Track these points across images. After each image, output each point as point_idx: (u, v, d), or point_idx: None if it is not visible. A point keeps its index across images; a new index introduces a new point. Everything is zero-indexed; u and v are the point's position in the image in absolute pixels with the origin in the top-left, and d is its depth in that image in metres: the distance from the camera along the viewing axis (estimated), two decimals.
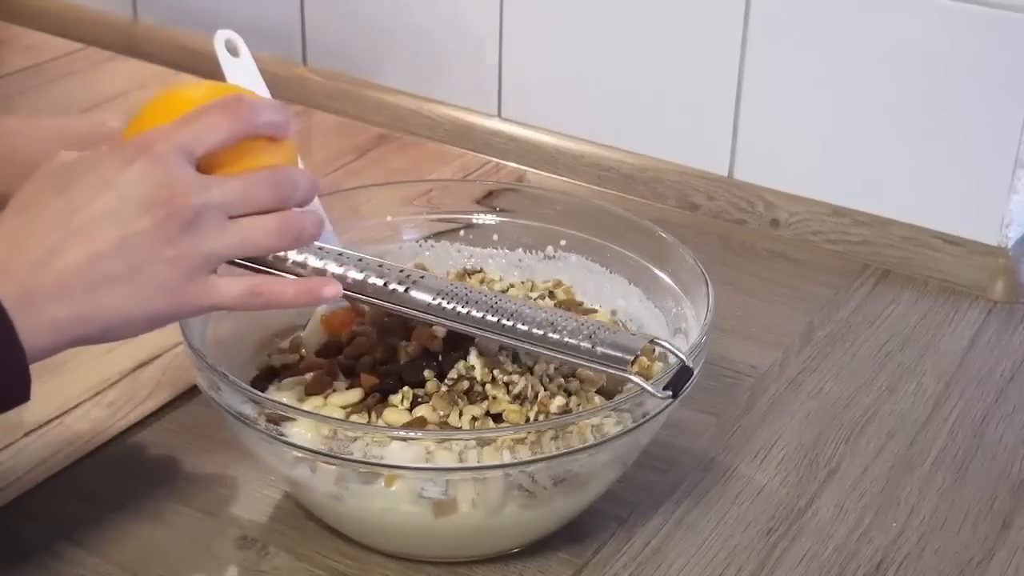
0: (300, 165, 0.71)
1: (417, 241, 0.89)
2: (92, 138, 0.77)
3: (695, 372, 0.70)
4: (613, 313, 0.84)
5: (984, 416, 0.86)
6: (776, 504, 0.77)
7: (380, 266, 0.71)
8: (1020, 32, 0.94)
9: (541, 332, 0.69)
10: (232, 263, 0.68)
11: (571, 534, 0.74)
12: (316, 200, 0.75)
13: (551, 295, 0.83)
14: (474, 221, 0.89)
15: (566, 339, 0.69)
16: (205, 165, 0.66)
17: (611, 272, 0.86)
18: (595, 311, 0.83)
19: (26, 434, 0.79)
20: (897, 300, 1.00)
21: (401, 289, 0.70)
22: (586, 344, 0.69)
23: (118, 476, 0.78)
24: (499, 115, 1.21)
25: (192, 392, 0.84)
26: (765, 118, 1.08)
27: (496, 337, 0.71)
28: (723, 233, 1.09)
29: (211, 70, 0.79)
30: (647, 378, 0.69)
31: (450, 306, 0.70)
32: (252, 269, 0.69)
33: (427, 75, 1.24)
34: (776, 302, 0.99)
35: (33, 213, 0.63)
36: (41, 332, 0.61)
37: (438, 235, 0.89)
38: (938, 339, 0.95)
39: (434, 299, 0.70)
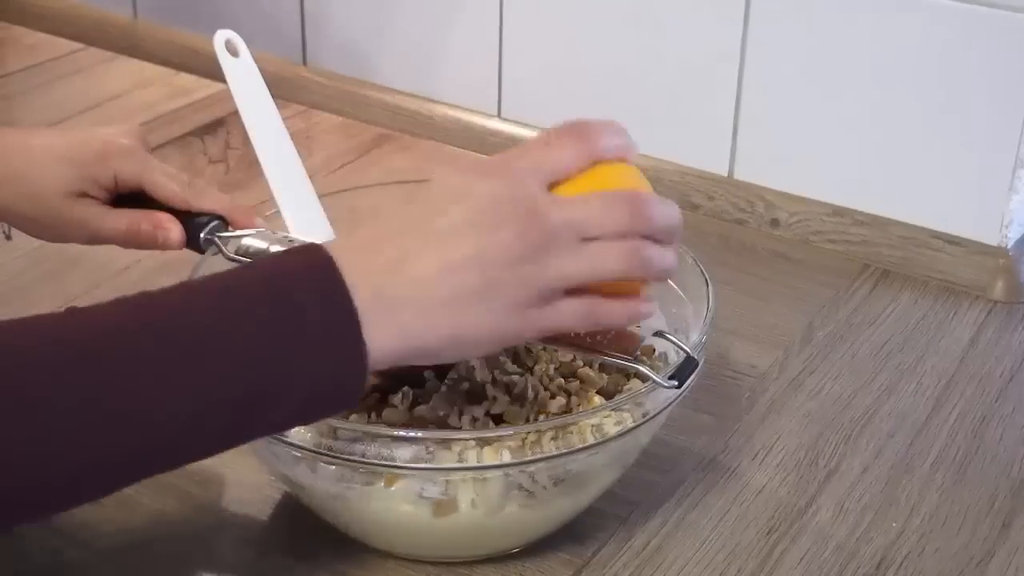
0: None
1: None
2: (89, 153, 0.78)
3: (699, 364, 0.70)
4: None
5: (984, 416, 0.86)
6: (776, 504, 0.77)
7: None
8: (1020, 32, 0.94)
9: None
10: None
11: (571, 534, 0.74)
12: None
13: None
14: None
15: (573, 332, 0.69)
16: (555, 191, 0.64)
17: None
18: None
19: None
20: (897, 300, 1.00)
21: None
22: (595, 337, 0.69)
23: None
24: (499, 115, 1.21)
25: None
26: (765, 118, 1.08)
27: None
28: (723, 233, 1.09)
29: (211, 70, 0.79)
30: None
31: None
32: None
33: (427, 75, 1.24)
34: (776, 302, 0.99)
35: (387, 220, 0.61)
36: (390, 336, 0.59)
37: None
38: (938, 339, 0.95)
39: None
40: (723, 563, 0.73)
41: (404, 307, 0.59)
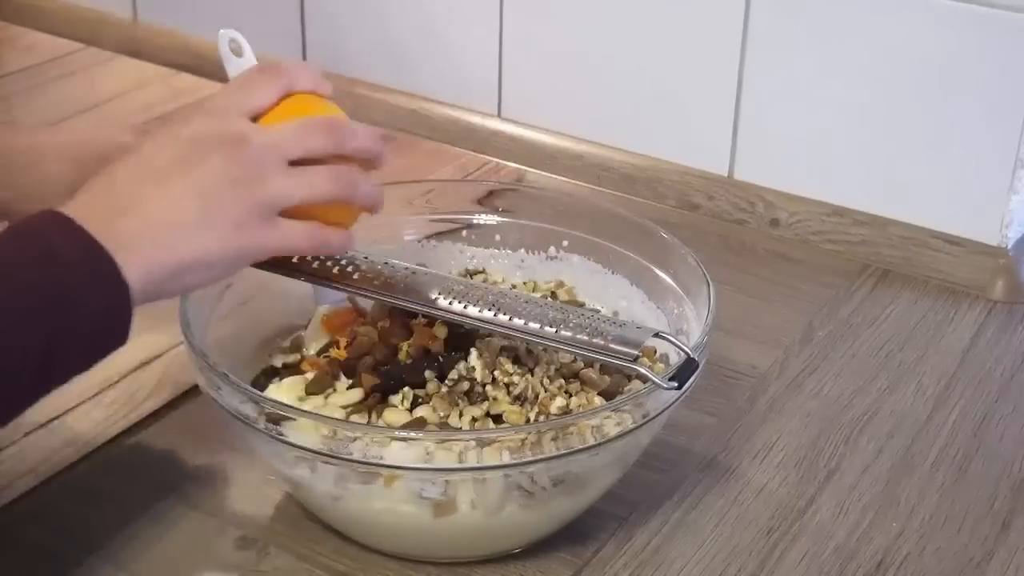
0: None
1: (419, 241, 0.89)
2: (92, 152, 0.78)
3: (700, 365, 0.70)
4: (615, 314, 0.84)
5: (984, 416, 0.86)
6: (776, 504, 0.77)
7: (411, 271, 0.75)
8: (1020, 32, 0.94)
9: (553, 329, 0.70)
10: (265, 266, 0.71)
11: (571, 534, 0.74)
12: None
13: (553, 296, 0.83)
14: (475, 221, 0.89)
15: (573, 333, 0.70)
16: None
17: (613, 273, 0.86)
18: (597, 312, 0.83)
19: (26, 434, 0.79)
20: (897, 300, 1.00)
21: (439, 299, 0.74)
22: (594, 338, 0.70)
23: (118, 476, 0.78)
24: (499, 115, 1.21)
25: (192, 392, 0.84)
26: (765, 118, 1.08)
27: (505, 333, 0.71)
28: (723, 233, 1.09)
29: (212, 70, 0.79)
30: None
31: (459, 305, 0.72)
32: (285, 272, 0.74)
33: (427, 75, 1.24)
34: (776, 302, 0.99)
35: (109, 172, 0.67)
36: (136, 270, 0.63)
37: (440, 235, 0.89)
38: (938, 339, 0.95)
39: (438, 297, 0.73)
40: (723, 563, 0.73)
41: (140, 241, 0.64)
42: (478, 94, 1.21)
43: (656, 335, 0.72)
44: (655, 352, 0.76)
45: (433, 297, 0.74)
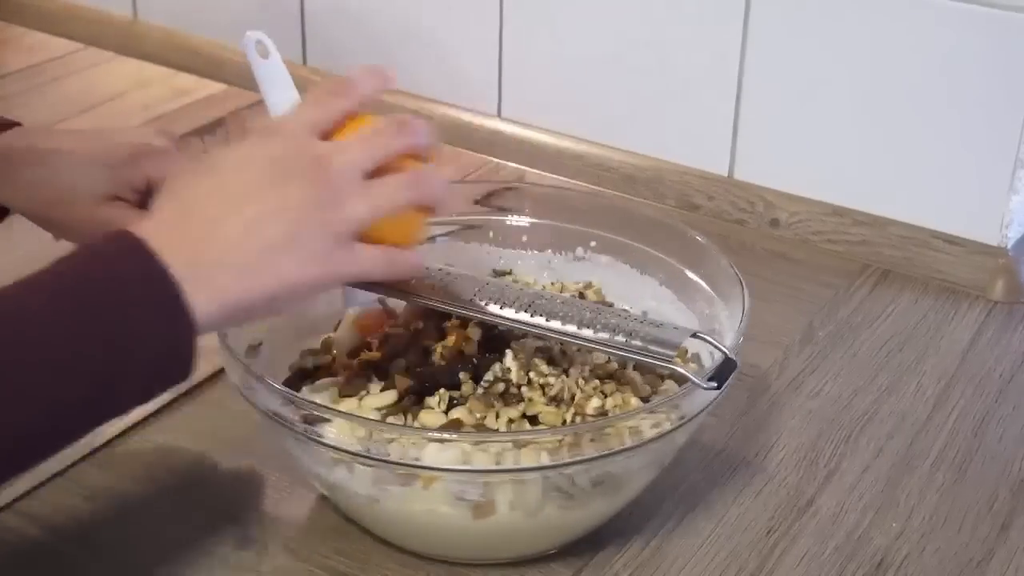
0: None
1: (441, 237, 0.88)
2: (121, 155, 0.77)
3: (738, 365, 0.70)
4: (644, 314, 0.83)
5: (984, 416, 0.86)
6: (776, 504, 0.77)
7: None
8: (1020, 32, 0.94)
9: (590, 330, 0.70)
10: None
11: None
12: None
13: (581, 296, 0.83)
14: (501, 222, 0.89)
15: (610, 334, 0.70)
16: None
17: (642, 273, 0.86)
18: (629, 312, 0.83)
19: None
20: (897, 300, 1.00)
21: (476, 300, 0.73)
22: (631, 339, 0.70)
23: (118, 476, 0.78)
24: (499, 115, 1.21)
25: (192, 392, 0.84)
26: (765, 118, 1.08)
27: (542, 334, 0.71)
28: (723, 233, 1.08)
29: (212, 70, 0.79)
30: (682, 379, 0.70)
31: (496, 306, 0.72)
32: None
33: (427, 75, 1.24)
34: (776, 302, 0.99)
35: (185, 195, 0.64)
36: (210, 300, 0.60)
37: (467, 235, 0.89)
38: (938, 339, 0.95)
39: (478, 298, 0.73)
40: (723, 563, 0.73)
41: (218, 271, 0.61)
42: (478, 94, 1.21)
43: (694, 335, 0.72)
44: (687, 352, 0.76)
45: (470, 298, 0.73)
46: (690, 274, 0.83)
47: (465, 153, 1.20)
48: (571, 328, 0.71)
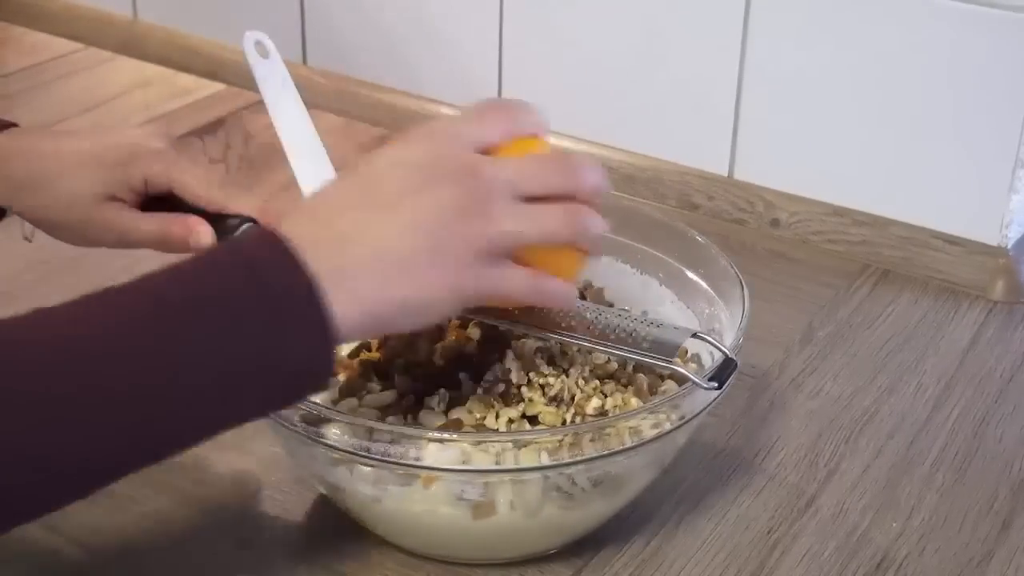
0: None
1: None
2: (119, 156, 0.77)
3: (738, 365, 0.70)
4: (644, 314, 0.83)
5: (984, 416, 0.86)
6: (776, 504, 0.77)
7: None
8: (1020, 32, 0.94)
9: (591, 331, 0.70)
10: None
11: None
12: None
13: (582, 296, 0.82)
14: None
15: (610, 335, 0.70)
16: None
17: (642, 274, 0.85)
18: (629, 312, 0.83)
19: None
20: (897, 300, 1.00)
21: None
22: (632, 339, 0.69)
23: None
24: None
25: None
26: (765, 118, 1.08)
27: (544, 335, 0.71)
28: (723, 233, 1.08)
29: (212, 70, 0.79)
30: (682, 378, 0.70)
31: None
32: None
33: (427, 75, 1.24)
34: (776, 302, 0.99)
35: (331, 193, 0.62)
36: (351, 307, 0.58)
37: None
38: (938, 339, 0.95)
39: None
40: (723, 563, 0.73)
41: (361, 277, 0.59)
42: (478, 94, 1.21)
43: (694, 335, 0.72)
44: (687, 353, 0.76)
45: None
46: (690, 274, 0.83)
47: None
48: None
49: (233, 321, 0.56)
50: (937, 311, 0.98)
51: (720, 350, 0.71)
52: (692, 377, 0.68)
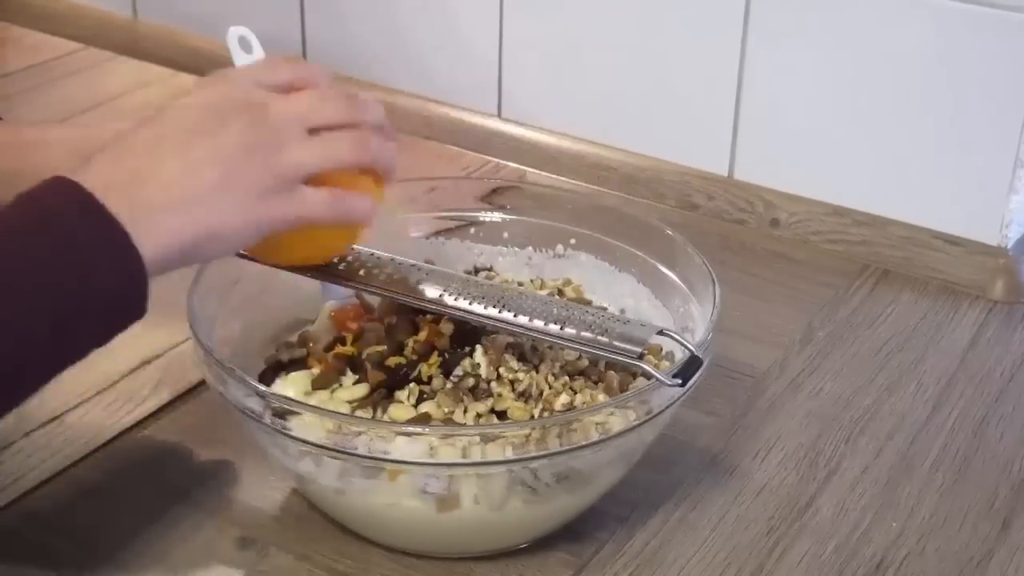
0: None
1: (427, 237, 0.89)
2: (101, 146, 0.77)
3: (704, 363, 0.70)
4: (622, 312, 0.84)
5: (984, 416, 0.86)
6: (776, 504, 0.77)
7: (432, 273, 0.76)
8: (1020, 32, 0.94)
9: (558, 326, 0.71)
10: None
11: (571, 534, 0.74)
12: None
13: (560, 293, 0.83)
14: (482, 219, 0.89)
15: (577, 331, 0.70)
16: None
17: (620, 271, 0.86)
18: (603, 310, 0.83)
19: (26, 434, 0.79)
20: (897, 300, 1.00)
21: (445, 296, 0.74)
22: (599, 336, 0.70)
23: (118, 476, 0.78)
24: (499, 115, 1.21)
25: (192, 392, 0.84)
26: (765, 118, 1.08)
27: (510, 330, 0.72)
28: (723, 233, 1.09)
29: (212, 70, 0.79)
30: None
31: (465, 302, 0.73)
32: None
33: (427, 75, 1.24)
34: (776, 302, 0.99)
35: (124, 141, 0.65)
36: (153, 241, 0.62)
37: (448, 232, 0.89)
38: (938, 339, 0.95)
39: (443, 294, 0.74)
40: (723, 563, 0.73)
41: (158, 212, 0.63)
42: (478, 94, 1.21)
43: (660, 332, 0.72)
44: (661, 350, 0.76)
45: (439, 294, 0.74)
46: (665, 271, 0.83)
47: (465, 153, 1.20)
48: (538, 324, 0.72)
49: (42, 276, 0.60)
50: (937, 311, 0.98)
51: (686, 347, 0.71)
52: (656, 373, 0.69)
